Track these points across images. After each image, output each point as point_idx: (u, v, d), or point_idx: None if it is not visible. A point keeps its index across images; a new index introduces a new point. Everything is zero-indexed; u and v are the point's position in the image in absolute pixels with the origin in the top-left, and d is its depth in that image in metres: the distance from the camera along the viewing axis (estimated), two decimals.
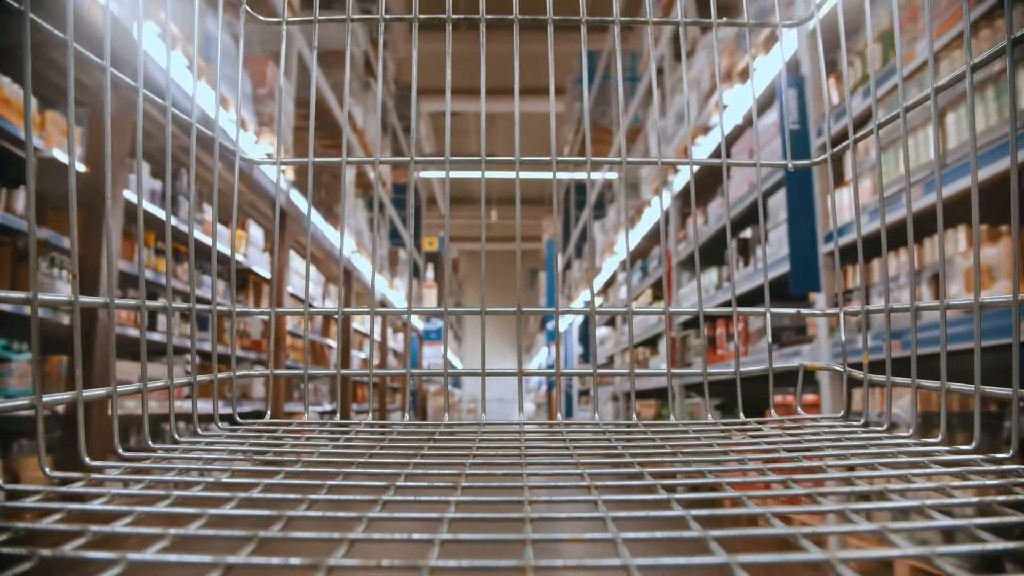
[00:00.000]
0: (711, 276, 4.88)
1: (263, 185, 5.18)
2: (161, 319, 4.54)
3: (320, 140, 7.01)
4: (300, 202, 5.71)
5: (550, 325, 14.94)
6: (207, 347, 4.86)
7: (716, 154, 4.58)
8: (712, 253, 5.07)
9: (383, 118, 9.37)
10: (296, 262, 6.96)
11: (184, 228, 4.57)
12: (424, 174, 13.69)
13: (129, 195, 3.56)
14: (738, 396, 0.94)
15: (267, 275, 6.10)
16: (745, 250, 4.26)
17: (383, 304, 9.85)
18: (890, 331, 0.81)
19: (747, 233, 4.29)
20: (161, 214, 4.28)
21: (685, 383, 5.29)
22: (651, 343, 6.99)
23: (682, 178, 5.59)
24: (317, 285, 8.35)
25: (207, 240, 4.90)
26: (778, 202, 3.54)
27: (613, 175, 9.42)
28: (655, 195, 6.13)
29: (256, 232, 6.27)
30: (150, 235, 4.69)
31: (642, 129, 7.46)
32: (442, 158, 0.98)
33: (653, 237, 6.95)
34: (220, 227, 5.03)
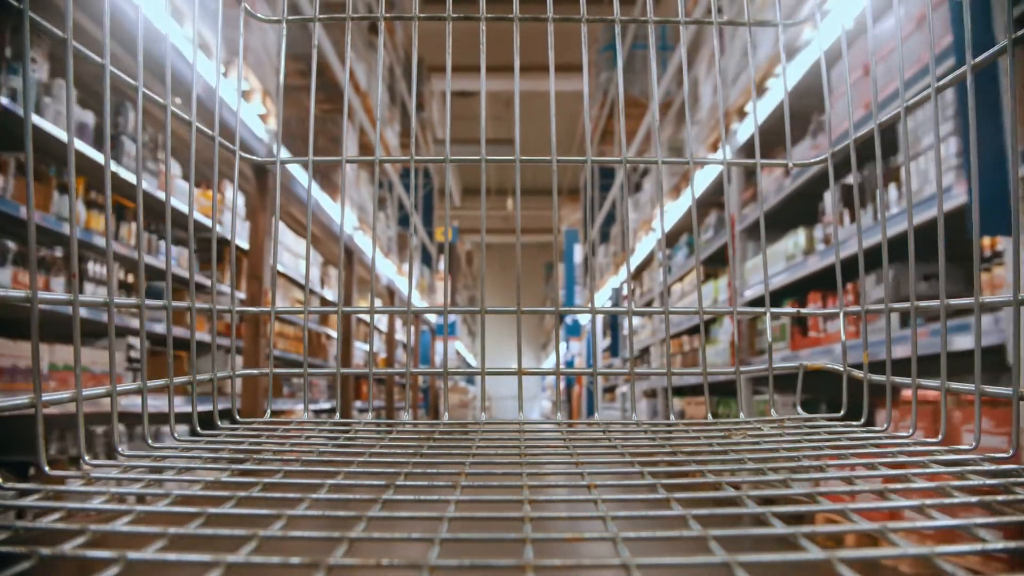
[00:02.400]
0: (798, 238, 3.77)
1: (244, 138, 4.34)
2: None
3: (318, 104, 6.40)
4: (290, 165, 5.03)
5: (568, 320, 14.75)
6: (159, 329, 3.95)
7: (813, 71, 3.51)
8: (799, 210, 3.93)
9: (391, 86, 8.75)
10: (287, 237, 6.13)
11: (131, 179, 3.77)
12: (434, 160, 13.42)
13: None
14: (739, 395, 0.94)
15: (247, 247, 5.16)
16: (851, 199, 3.26)
17: (390, 290, 9.36)
18: (889, 331, 0.81)
19: (851, 179, 3.20)
20: (92, 154, 3.45)
21: (751, 377, 3.98)
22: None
23: (748, 127, 4.41)
24: (313, 266, 7.53)
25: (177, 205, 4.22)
26: (922, 124, 2.62)
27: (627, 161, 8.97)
28: (712, 151, 5.19)
29: (238, 199, 5.18)
30: (81, 181, 3.73)
31: (672, 103, 6.82)
32: (442, 158, 0.98)
33: (702, 206, 5.93)
34: (182, 184, 4.49)
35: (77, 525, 0.43)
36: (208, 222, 4.78)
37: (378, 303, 9.76)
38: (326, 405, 7.59)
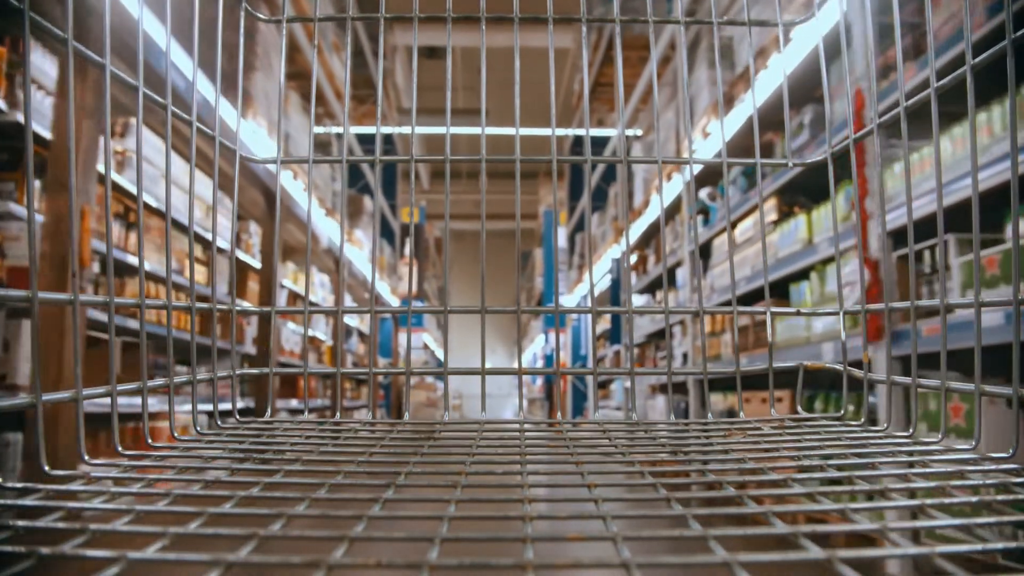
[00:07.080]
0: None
1: None
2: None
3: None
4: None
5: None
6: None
7: None
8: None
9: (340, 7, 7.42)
10: (152, 150, 3.96)
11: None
12: (402, 131, 11.11)
13: None
14: (738, 396, 0.94)
15: (49, 137, 3.11)
16: None
17: (335, 259, 8.16)
18: (889, 330, 0.80)
19: None
20: None
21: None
22: (780, 288, 3.80)
23: None
24: (222, 215, 4.84)
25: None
26: None
27: (630, 137, 7.52)
28: (783, 44, 3.10)
29: (43, 62, 3.21)
30: None
31: (671, 58, 6.07)
32: (441, 157, 0.98)
33: (796, 93, 3.52)
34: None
35: (77, 525, 0.43)
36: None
37: (348, 297, 9.31)
38: (226, 405, 4.50)
